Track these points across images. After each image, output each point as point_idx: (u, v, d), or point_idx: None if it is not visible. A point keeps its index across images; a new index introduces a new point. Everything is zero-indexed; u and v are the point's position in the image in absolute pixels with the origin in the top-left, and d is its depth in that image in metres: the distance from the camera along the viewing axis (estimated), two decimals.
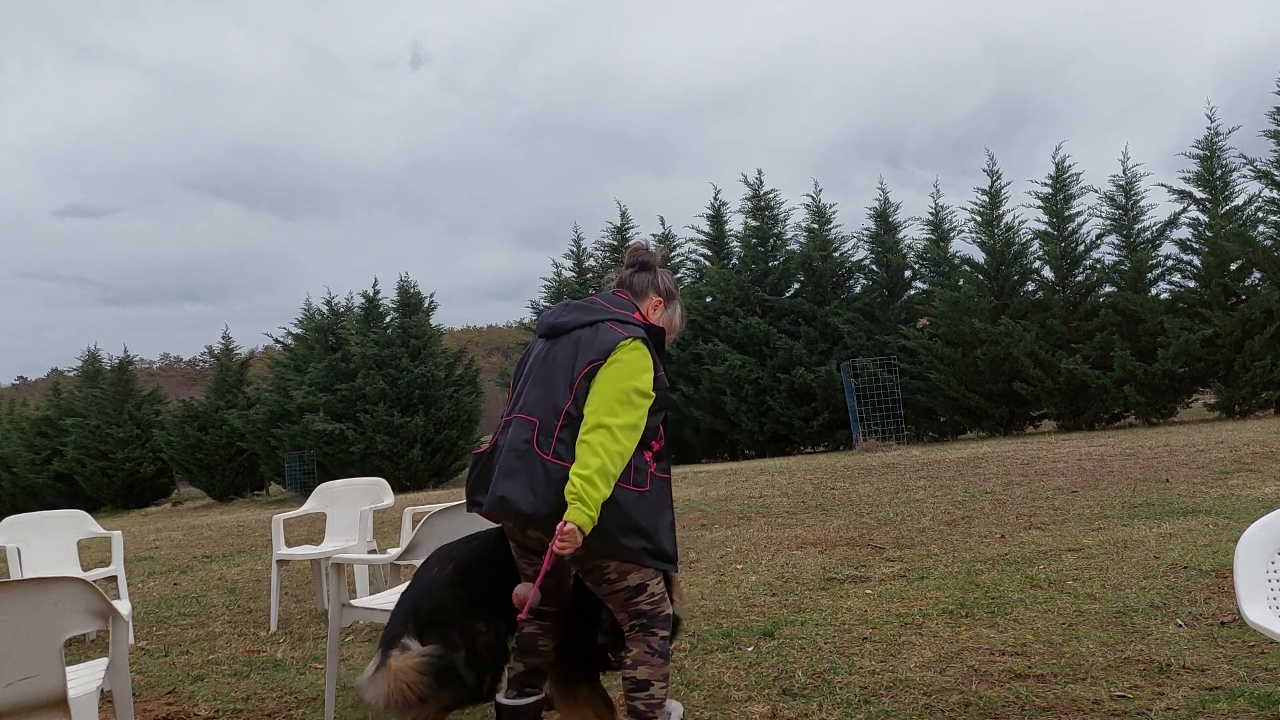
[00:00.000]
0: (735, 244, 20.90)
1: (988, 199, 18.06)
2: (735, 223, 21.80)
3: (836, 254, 19.55)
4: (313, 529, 9.53)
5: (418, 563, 3.60)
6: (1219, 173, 16.12)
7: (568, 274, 22.12)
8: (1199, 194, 16.28)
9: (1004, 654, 3.58)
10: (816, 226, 19.78)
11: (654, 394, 2.68)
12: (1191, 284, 16.24)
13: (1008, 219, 17.95)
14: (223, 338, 27.27)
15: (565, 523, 2.49)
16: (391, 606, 3.54)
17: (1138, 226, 16.87)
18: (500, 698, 2.90)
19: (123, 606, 4.03)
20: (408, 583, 2.97)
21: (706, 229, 21.18)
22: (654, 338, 2.80)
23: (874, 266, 19.33)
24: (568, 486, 2.51)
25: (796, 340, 18.55)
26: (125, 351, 28.74)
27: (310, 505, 6.22)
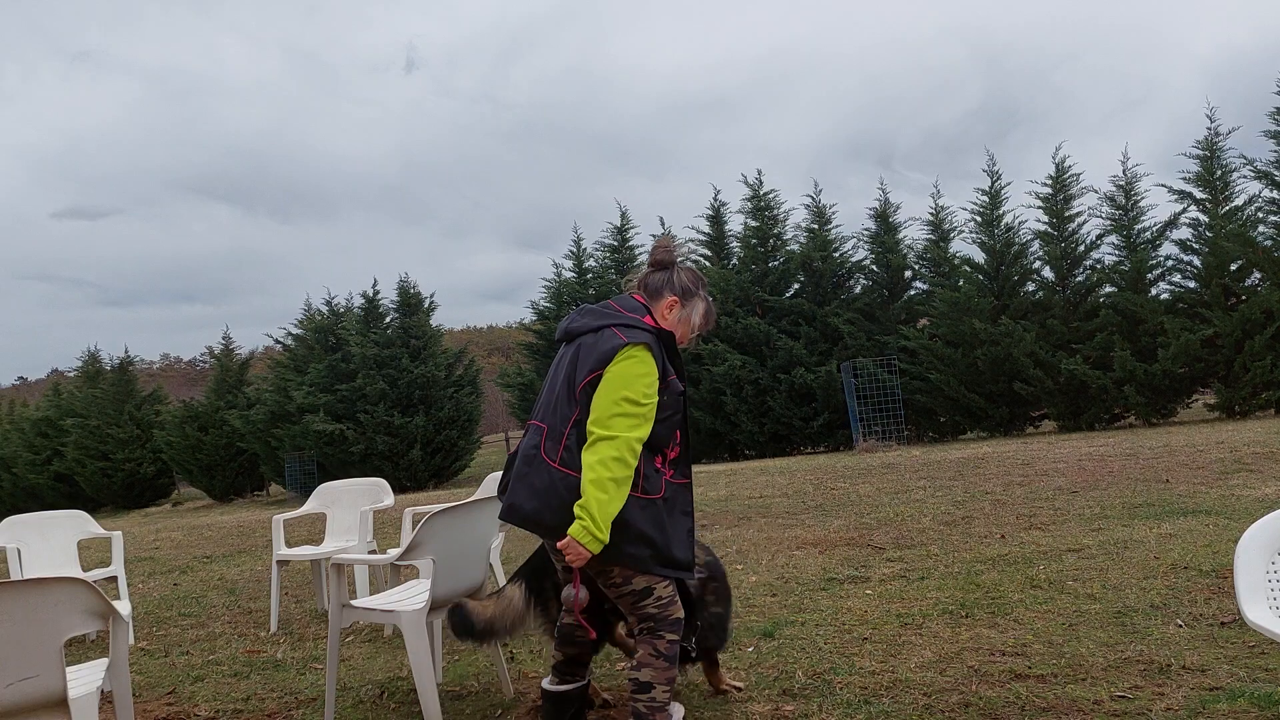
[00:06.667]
0: (735, 244, 20.91)
1: (987, 199, 18.07)
2: (735, 223, 21.81)
3: (836, 254, 19.54)
4: (313, 529, 9.53)
5: (418, 563, 3.60)
6: (1219, 173, 16.13)
7: (568, 274, 22.14)
8: (1199, 194, 16.29)
9: (1004, 654, 3.58)
10: (816, 227, 19.79)
11: (651, 400, 2.63)
12: (1192, 284, 16.24)
13: (1007, 219, 17.98)
14: (223, 338, 27.31)
15: (566, 536, 2.52)
16: (391, 607, 3.54)
17: (1138, 227, 16.87)
18: (545, 684, 3.07)
19: (123, 607, 4.03)
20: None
21: (706, 229, 21.20)
22: (664, 341, 2.76)
23: (874, 267, 19.32)
24: (579, 502, 2.54)
25: (796, 340, 18.55)
26: (125, 352, 28.78)
27: (310, 506, 6.22)
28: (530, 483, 2.65)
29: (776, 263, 19.89)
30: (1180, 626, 3.70)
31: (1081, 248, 17.28)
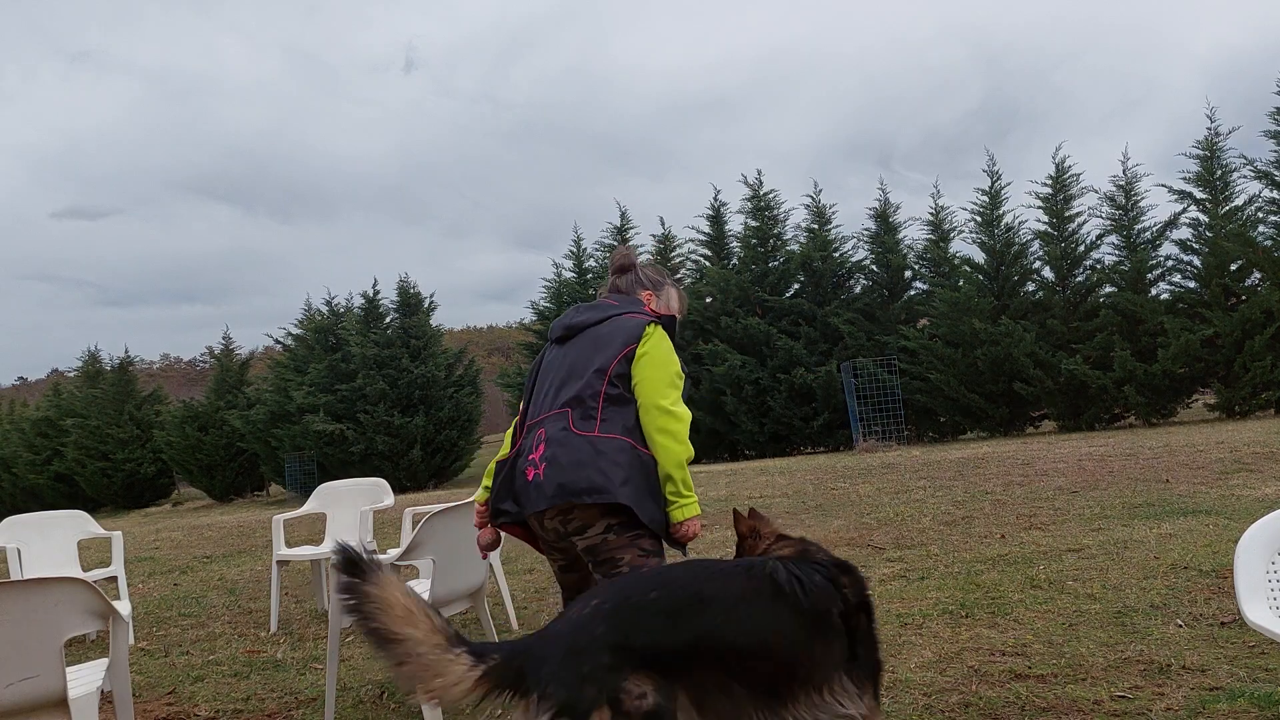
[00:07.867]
0: (735, 244, 20.91)
1: (987, 199, 18.07)
2: (735, 223, 21.80)
3: (836, 254, 19.54)
4: (313, 529, 9.53)
5: (418, 563, 3.60)
6: (1219, 173, 16.13)
7: (568, 274, 22.14)
8: (1199, 194, 16.29)
9: (1004, 654, 3.58)
10: (816, 227, 19.79)
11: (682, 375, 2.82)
12: (1191, 284, 16.24)
13: (1007, 219, 17.98)
14: (223, 338, 27.31)
15: (683, 524, 2.70)
16: None
17: (1138, 227, 16.87)
18: None
19: (123, 607, 4.03)
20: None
21: (706, 229, 21.21)
22: (667, 326, 2.86)
23: (874, 267, 19.32)
24: (669, 487, 2.69)
25: (796, 341, 18.55)
26: (125, 352, 28.77)
27: (310, 506, 6.22)
28: (572, 457, 2.60)
29: (776, 263, 19.88)
30: (1180, 626, 3.69)
31: (1081, 248, 17.28)
